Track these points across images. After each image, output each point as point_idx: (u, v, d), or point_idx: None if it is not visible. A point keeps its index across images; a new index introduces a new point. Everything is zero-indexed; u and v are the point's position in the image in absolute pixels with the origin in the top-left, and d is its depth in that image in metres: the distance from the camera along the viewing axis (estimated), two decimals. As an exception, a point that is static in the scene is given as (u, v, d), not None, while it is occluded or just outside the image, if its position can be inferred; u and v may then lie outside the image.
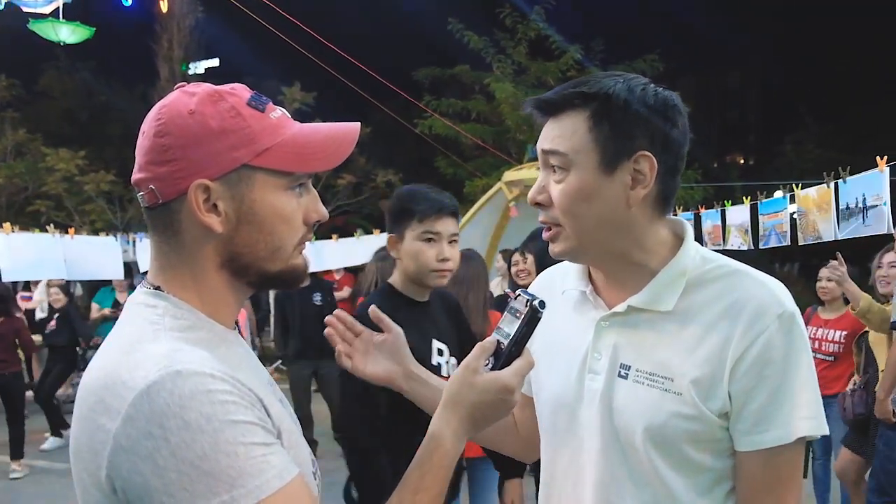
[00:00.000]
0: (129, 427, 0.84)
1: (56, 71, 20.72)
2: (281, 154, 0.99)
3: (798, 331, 1.13)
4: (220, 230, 0.97)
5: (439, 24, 12.50)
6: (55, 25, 7.74)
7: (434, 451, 1.04)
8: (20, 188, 15.79)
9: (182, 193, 0.96)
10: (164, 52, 18.28)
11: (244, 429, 0.86)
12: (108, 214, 15.65)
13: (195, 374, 0.86)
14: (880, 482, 3.92)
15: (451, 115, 12.36)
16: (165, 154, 0.95)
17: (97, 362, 0.94)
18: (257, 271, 1.02)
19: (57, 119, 20.42)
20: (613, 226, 1.18)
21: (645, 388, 1.16)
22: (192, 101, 0.97)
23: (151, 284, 1.01)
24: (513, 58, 12.23)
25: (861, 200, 3.18)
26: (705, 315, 1.15)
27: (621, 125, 1.14)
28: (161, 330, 0.93)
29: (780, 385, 1.10)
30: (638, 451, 1.16)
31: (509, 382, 1.07)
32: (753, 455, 1.13)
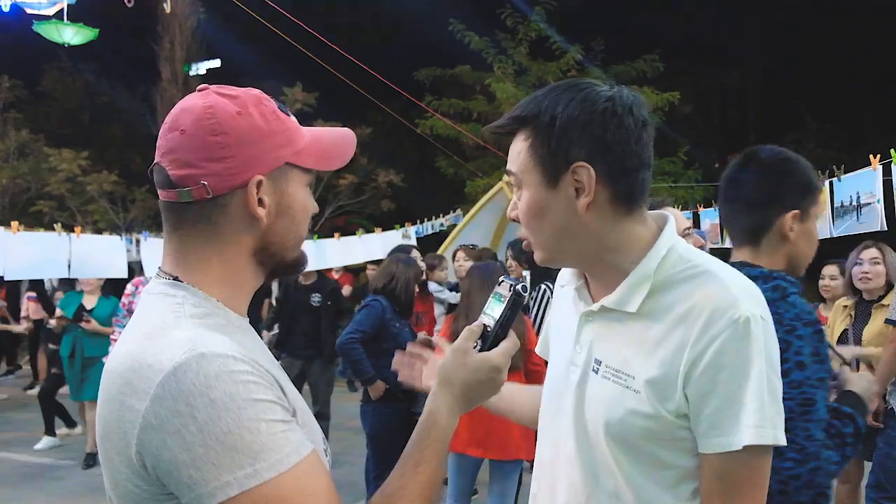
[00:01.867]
0: (157, 406, 0.89)
1: (58, 72, 20.78)
2: (310, 153, 1.11)
3: (753, 336, 1.10)
4: (266, 221, 1.06)
5: (440, 24, 12.54)
6: (59, 27, 7.79)
7: (432, 426, 1.10)
8: (23, 188, 15.85)
9: (235, 188, 1.04)
10: (165, 52, 18.35)
11: (265, 406, 0.92)
12: (111, 214, 15.71)
13: (219, 355, 0.92)
14: (879, 479, 3.96)
15: (452, 116, 12.41)
16: (221, 151, 1.02)
17: (121, 348, 0.99)
18: (280, 259, 1.12)
19: (59, 120, 20.48)
20: (570, 234, 1.22)
21: (610, 383, 1.22)
22: (235, 103, 1.05)
23: (168, 275, 1.06)
24: (514, 58, 12.28)
25: (855, 198, 3.22)
26: (667, 317, 1.17)
27: (553, 141, 1.18)
28: (182, 317, 0.99)
29: (732, 391, 1.10)
30: (601, 443, 1.21)
31: (498, 363, 1.14)
32: (709, 458, 1.15)
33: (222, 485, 0.88)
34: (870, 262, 4.19)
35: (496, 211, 8.44)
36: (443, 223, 8.70)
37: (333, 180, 15.71)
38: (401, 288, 4.53)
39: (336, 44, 7.94)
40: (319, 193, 15.86)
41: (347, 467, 5.53)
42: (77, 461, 6.13)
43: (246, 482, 0.88)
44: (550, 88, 1.24)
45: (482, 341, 1.16)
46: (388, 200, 15.84)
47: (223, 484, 0.88)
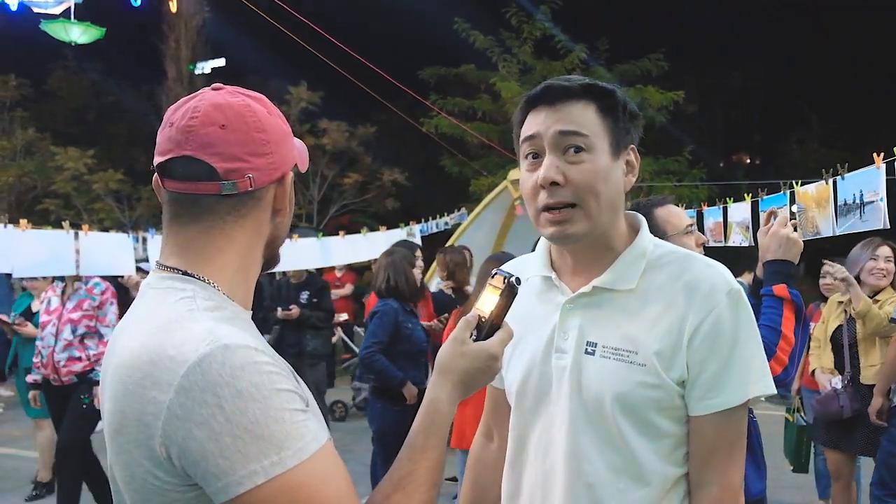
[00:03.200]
0: (182, 397, 0.91)
1: (64, 71, 20.84)
2: (301, 156, 1.19)
3: (743, 305, 1.26)
4: (287, 214, 1.16)
5: (445, 23, 12.55)
6: (67, 26, 7.81)
7: (434, 414, 1.14)
8: (29, 187, 15.92)
9: (272, 183, 1.11)
10: (171, 51, 18.39)
11: (287, 396, 0.96)
12: (117, 213, 15.77)
13: (242, 347, 0.95)
14: (883, 477, 3.97)
15: (456, 115, 12.42)
16: (265, 147, 1.08)
17: (132, 342, 1.00)
18: (272, 251, 1.19)
19: (65, 118, 20.54)
20: (615, 207, 1.31)
21: (612, 361, 1.27)
22: (260, 104, 1.11)
23: (174, 269, 1.07)
24: (518, 57, 12.27)
25: (858, 196, 3.23)
26: (664, 293, 1.28)
27: (622, 120, 1.31)
28: (196, 310, 1.01)
29: (729, 355, 1.23)
30: (607, 419, 1.27)
31: (494, 351, 1.18)
32: (707, 418, 1.25)
33: (249, 473, 0.90)
34: (884, 260, 4.20)
35: (501, 210, 8.45)
36: (447, 222, 8.71)
37: (338, 179, 15.74)
38: (401, 280, 4.50)
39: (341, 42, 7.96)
40: (324, 192, 15.91)
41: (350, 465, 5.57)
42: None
43: (271, 470, 0.91)
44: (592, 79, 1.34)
45: (478, 331, 1.19)
46: (392, 199, 15.85)
47: (250, 472, 0.90)
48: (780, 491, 5.11)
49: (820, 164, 4.39)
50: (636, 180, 1.35)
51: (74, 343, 4.61)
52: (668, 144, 13.04)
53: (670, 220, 2.25)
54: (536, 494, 1.35)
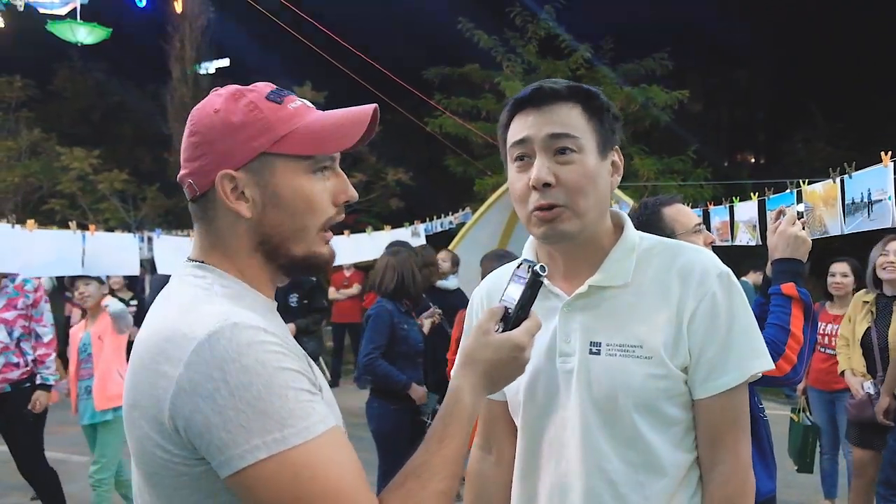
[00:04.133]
0: (191, 371, 0.93)
1: (69, 71, 20.90)
2: (297, 139, 1.07)
3: (734, 287, 1.30)
4: (248, 215, 1.08)
5: (449, 23, 12.55)
6: (73, 26, 7.84)
7: (455, 404, 1.12)
8: (35, 187, 15.97)
9: (213, 184, 1.07)
10: (176, 52, 18.42)
11: (293, 375, 0.96)
12: (122, 213, 15.81)
13: (250, 326, 0.96)
14: (889, 476, 3.96)
15: (461, 114, 12.41)
16: (196, 150, 1.07)
17: (155, 321, 1.03)
18: (285, 254, 1.11)
19: (71, 119, 20.61)
20: (603, 207, 1.34)
21: (619, 358, 1.28)
22: (218, 100, 1.09)
23: (195, 260, 1.11)
24: (523, 57, 12.26)
25: (866, 195, 3.22)
26: (658, 284, 1.30)
27: (607, 121, 1.33)
28: (214, 294, 1.04)
29: (727, 335, 1.27)
30: (621, 416, 1.28)
31: (521, 341, 1.16)
32: (712, 400, 1.28)
33: (252, 448, 0.91)
34: (894, 254, 4.17)
35: (505, 209, 8.44)
36: (451, 221, 8.70)
37: (343, 178, 15.70)
38: (409, 280, 4.41)
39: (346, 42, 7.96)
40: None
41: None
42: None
43: (274, 446, 0.91)
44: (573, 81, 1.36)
45: (503, 323, 1.18)
46: (396, 199, 15.86)
47: (252, 447, 0.91)
48: (786, 490, 5.11)
49: (826, 164, 4.38)
50: (642, 180, 1.36)
51: (11, 347, 4.36)
52: (672, 144, 13.01)
53: (679, 218, 2.27)
54: (554, 500, 1.35)
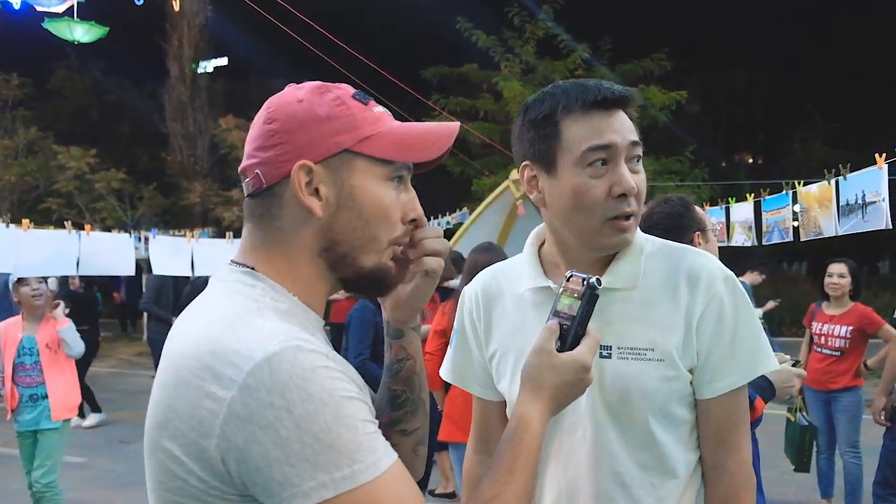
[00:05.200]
0: (246, 396, 0.82)
1: (67, 70, 20.90)
2: (382, 142, 1.00)
3: (739, 290, 1.31)
4: (320, 214, 0.97)
5: (448, 22, 12.55)
6: (70, 24, 7.83)
7: (524, 432, 1.05)
8: (32, 186, 15.96)
9: (285, 176, 0.97)
10: (174, 50, 18.43)
11: (359, 405, 0.88)
12: (119, 212, 15.80)
13: (312, 350, 0.86)
14: (886, 475, 3.97)
15: (458, 114, 12.40)
16: (272, 139, 0.98)
17: (192, 331, 0.92)
18: (352, 263, 1.01)
19: (68, 117, 20.60)
20: None
21: (629, 362, 1.27)
22: (300, 92, 1.00)
23: (243, 265, 1.00)
24: (521, 56, 12.26)
25: (860, 197, 3.23)
26: (666, 287, 1.29)
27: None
28: (265, 308, 0.93)
29: (733, 338, 1.27)
30: (635, 419, 1.27)
31: (586, 361, 1.10)
32: (717, 400, 1.29)
33: (318, 485, 0.82)
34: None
35: (502, 209, 8.44)
36: (449, 221, 8.71)
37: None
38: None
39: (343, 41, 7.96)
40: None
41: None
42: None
43: (342, 484, 0.83)
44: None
45: (561, 341, 1.11)
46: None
47: (319, 484, 0.82)
48: (782, 490, 5.11)
49: (823, 164, 4.38)
50: None
51: None
52: (670, 144, 13.04)
53: (704, 217, 2.39)
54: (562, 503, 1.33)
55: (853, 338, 4.66)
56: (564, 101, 1.25)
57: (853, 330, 4.66)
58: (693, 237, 2.27)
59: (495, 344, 1.40)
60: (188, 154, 18.20)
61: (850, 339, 4.68)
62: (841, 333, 4.73)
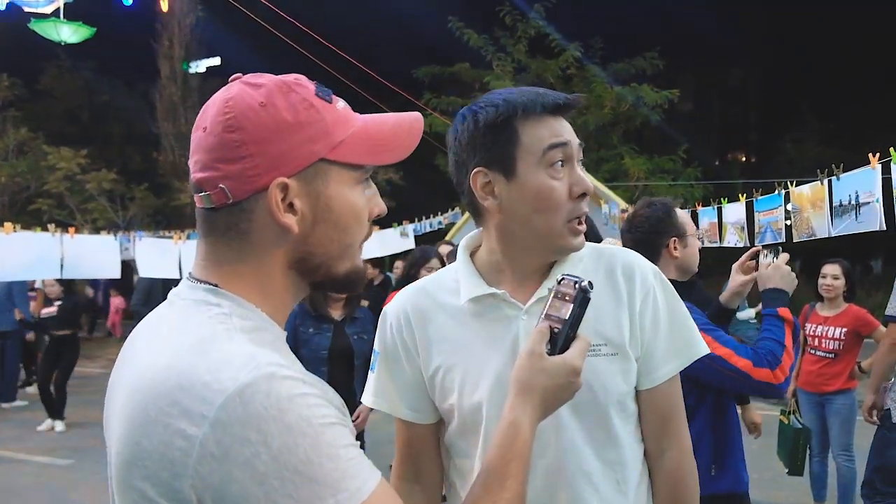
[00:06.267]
0: (219, 433, 0.77)
1: (58, 70, 20.79)
2: (354, 146, 0.95)
3: (667, 282, 1.37)
4: (296, 230, 0.91)
5: (439, 22, 12.51)
6: (57, 25, 7.76)
7: (515, 438, 1.03)
8: (22, 187, 15.87)
9: (257, 192, 0.89)
10: (164, 50, 18.35)
11: (339, 431, 0.83)
12: (110, 213, 15.72)
13: (288, 377, 0.81)
14: (871, 477, 3.94)
15: (451, 113, 12.37)
16: (238, 150, 0.88)
17: (156, 360, 0.86)
18: (326, 272, 0.97)
19: (59, 118, 20.50)
20: None
21: (589, 359, 1.19)
22: (259, 92, 0.91)
23: (205, 281, 0.93)
24: (513, 56, 12.24)
25: (854, 197, 3.19)
26: (607, 284, 1.32)
27: None
28: (233, 330, 0.87)
29: (669, 326, 1.34)
30: (599, 416, 1.27)
31: (577, 364, 1.08)
32: (659, 388, 1.33)
33: None
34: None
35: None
36: (441, 221, 8.66)
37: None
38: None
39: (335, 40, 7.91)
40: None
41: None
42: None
43: None
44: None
45: (552, 344, 1.09)
46: (387, 198, 15.75)
47: None
48: (775, 492, 5.08)
49: (816, 163, 4.34)
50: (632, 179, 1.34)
51: None
52: (663, 143, 13.03)
53: (689, 221, 2.42)
54: None
55: (847, 339, 4.62)
56: (523, 106, 1.23)
57: (847, 332, 4.62)
58: (669, 242, 2.32)
59: (437, 360, 1.33)
60: (180, 154, 18.10)
61: (844, 341, 4.63)
62: (835, 335, 4.69)
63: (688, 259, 2.36)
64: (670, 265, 2.32)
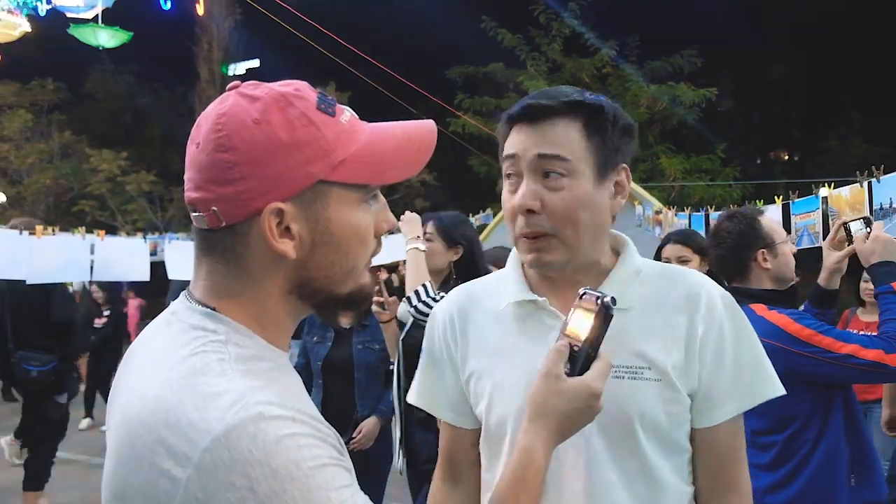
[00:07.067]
0: (204, 477, 0.74)
1: (101, 74, 21.28)
2: (357, 165, 0.88)
3: (739, 312, 1.24)
4: (294, 256, 0.86)
5: (473, 21, 12.46)
6: (95, 30, 7.93)
7: (527, 466, 0.99)
8: (66, 189, 16.27)
9: (251, 215, 0.84)
10: (203, 53, 18.64)
11: (332, 472, 0.79)
12: (150, 214, 16.03)
13: (277, 417, 0.77)
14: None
15: (484, 114, 12.31)
16: (230, 172, 0.83)
17: (147, 391, 0.83)
18: (328, 295, 0.92)
19: (102, 121, 20.99)
20: (599, 234, 1.21)
21: (627, 381, 1.17)
22: (254, 107, 0.85)
23: (202, 303, 0.89)
24: (547, 55, 12.12)
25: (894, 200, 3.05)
26: (664, 308, 1.21)
27: (611, 138, 1.18)
28: (227, 361, 0.82)
29: (736, 361, 1.20)
30: (631, 443, 1.16)
31: (597, 388, 1.02)
32: (718, 428, 1.20)
33: None
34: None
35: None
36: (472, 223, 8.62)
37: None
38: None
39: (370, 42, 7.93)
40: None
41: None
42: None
43: None
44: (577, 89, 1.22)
45: (571, 364, 1.03)
46: (421, 199, 15.84)
47: None
48: None
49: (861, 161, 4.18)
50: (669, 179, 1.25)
51: None
52: (700, 142, 12.77)
53: (776, 228, 2.27)
54: None
55: (889, 346, 4.47)
56: (504, 116, 1.22)
57: (889, 338, 4.46)
58: (757, 254, 2.17)
59: (473, 365, 1.29)
60: (218, 156, 18.40)
61: (885, 348, 4.48)
62: (876, 341, 4.53)
63: (781, 268, 2.20)
64: (763, 276, 2.19)
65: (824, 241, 2.37)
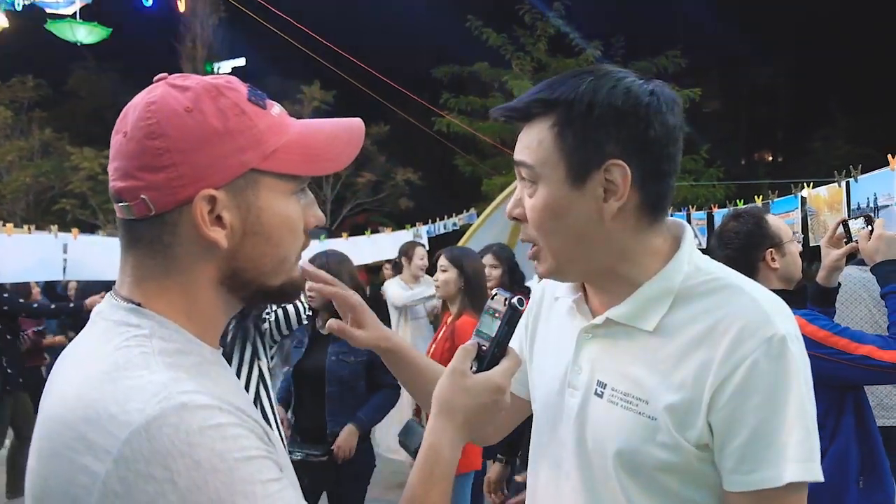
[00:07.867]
0: (123, 469, 0.72)
1: (84, 71, 21.09)
2: (289, 156, 0.89)
3: (791, 356, 0.97)
4: (225, 245, 0.86)
5: (458, 21, 12.44)
6: (73, 25, 7.82)
7: (435, 464, 0.98)
8: (47, 187, 16.10)
9: (181, 203, 0.84)
10: (187, 51, 18.50)
11: (259, 465, 0.77)
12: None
13: (202, 406, 0.76)
14: None
15: (469, 113, 12.29)
16: (161, 159, 0.83)
17: (68, 389, 0.81)
18: (258, 286, 0.92)
19: (84, 119, 20.81)
20: (588, 241, 1.06)
21: (619, 409, 1.05)
22: (186, 96, 0.85)
23: (127, 299, 0.88)
24: (532, 55, 12.12)
25: (872, 200, 3.05)
26: (687, 333, 1.03)
27: (587, 132, 1.02)
28: (150, 354, 0.81)
29: (766, 419, 0.96)
30: (609, 476, 1.05)
31: (502, 383, 1.02)
32: (741, 496, 0.99)
33: None
34: None
35: (511, 210, 8.31)
36: (455, 223, 8.57)
37: (352, 178, 15.72)
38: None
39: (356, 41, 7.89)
40: (338, 191, 15.87)
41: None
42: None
43: None
44: (581, 72, 1.06)
45: (478, 362, 1.04)
46: (406, 198, 15.80)
47: None
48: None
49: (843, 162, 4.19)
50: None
51: None
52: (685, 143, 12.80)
53: (782, 226, 2.23)
54: None
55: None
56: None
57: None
58: (765, 254, 2.14)
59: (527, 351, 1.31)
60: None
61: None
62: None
63: (789, 267, 2.19)
64: (771, 277, 2.16)
65: (822, 240, 2.36)
